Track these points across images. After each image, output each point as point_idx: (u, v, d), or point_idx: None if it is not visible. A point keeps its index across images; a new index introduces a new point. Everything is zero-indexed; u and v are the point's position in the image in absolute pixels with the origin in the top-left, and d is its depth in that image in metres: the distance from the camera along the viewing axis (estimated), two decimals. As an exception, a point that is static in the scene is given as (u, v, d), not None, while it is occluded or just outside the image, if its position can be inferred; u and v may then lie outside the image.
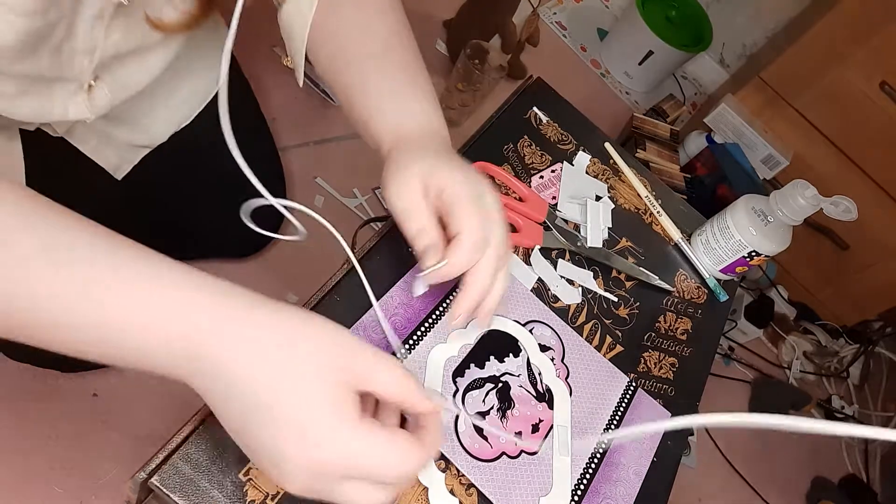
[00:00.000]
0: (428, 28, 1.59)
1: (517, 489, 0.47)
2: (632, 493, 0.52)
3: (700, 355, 0.65)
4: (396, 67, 0.53)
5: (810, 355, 1.62)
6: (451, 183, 0.44)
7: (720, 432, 1.41)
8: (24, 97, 0.52)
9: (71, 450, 0.87)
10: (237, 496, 0.40)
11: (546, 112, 0.71)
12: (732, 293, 0.72)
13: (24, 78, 0.50)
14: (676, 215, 0.73)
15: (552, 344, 0.56)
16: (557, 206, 0.64)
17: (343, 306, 0.49)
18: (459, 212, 0.43)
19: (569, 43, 1.86)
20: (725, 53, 1.96)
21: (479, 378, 0.51)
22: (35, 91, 0.53)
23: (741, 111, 1.49)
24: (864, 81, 1.33)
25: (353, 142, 1.30)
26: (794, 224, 0.65)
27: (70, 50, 0.50)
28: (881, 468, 1.54)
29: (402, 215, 0.45)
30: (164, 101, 0.77)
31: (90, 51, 0.52)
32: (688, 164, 1.54)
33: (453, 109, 1.41)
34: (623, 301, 0.63)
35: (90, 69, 0.54)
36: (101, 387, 0.92)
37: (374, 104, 0.52)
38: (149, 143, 0.79)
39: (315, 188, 1.22)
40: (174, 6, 0.54)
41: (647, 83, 1.87)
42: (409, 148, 0.48)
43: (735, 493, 1.38)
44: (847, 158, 1.43)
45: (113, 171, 0.77)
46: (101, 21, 0.50)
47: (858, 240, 1.49)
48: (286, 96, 1.27)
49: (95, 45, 0.51)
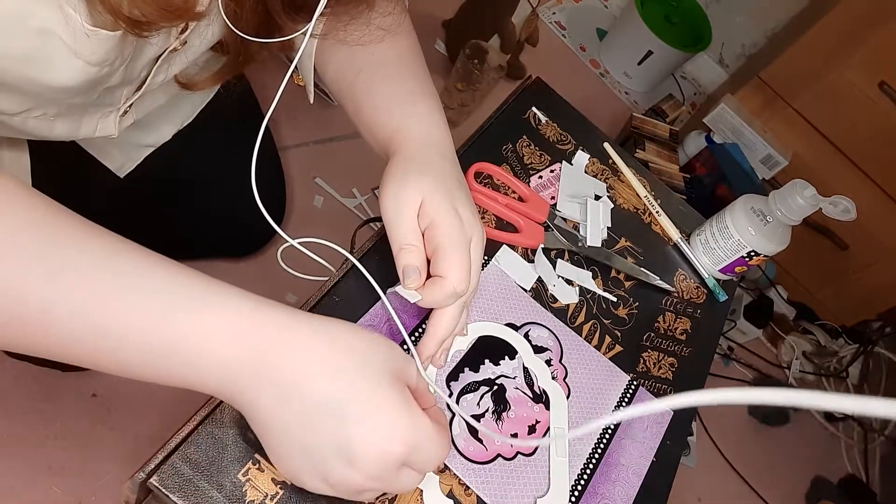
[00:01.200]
0: (427, 28, 1.59)
1: (513, 491, 0.47)
2: (631, 494, 0.52)
3: (699, 355, 0.65)
4: (406, 75, 0.54)
5: (810, 355, 1.62)
6: (445, 223, 0.45)
7: (720, 432, 1.41)
8: (60, 119, 0.53)
9: (70, 450, 0.87)
10: (236, 496, 0.40)
11: (545, 112, 0.71)
12: (732, 293, 0.72)
13: (70, 105, 0.51)
14: (676, 215, 0.73)
15: (549, 345, 0.56)
16: (557, 205, 0.64)
17: (342, 307, 0.49)
18: (446, 257, 0.44)
19: (568, 43, 1.86)
20: (725, 53, 1.96)
21: (473, 381, 0.51)
22: (72, 114, 0.54)
23: (740, 111, 1.49)
24: (863, 81, 1.33)
25: (352, 142, 1.30)
26: (793, 224, 0.65)
27: (119, 83, 0.51)
28: (881, 468, 1.54)
29: (393, 224, 0.45)
30: (174, 106, 0.78)
31: (135, 86, 0.53)
32: (687, 164, 1.54)
33: (452, 109, 1.41)
34: (622, 301, 0.63)
35: (130, 99, 0.55)
36: (100, 387, 0.92)
37: (381, 107, 0.52)
38: (153, 143, 0.79)
39: (314, 188, 1.22)
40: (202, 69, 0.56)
41: (646, 83, 1.87)
42: (414, 157, 0.48)
43: (735, 493, 1.38)
44: (846, 158, 1.43)
45: (116, 169, 0.77)
46: (152, 63, 0.51)
47: (857, 240, 1.49)
48: (286, 96, 1.27)
49: (142, 82, 0.52)
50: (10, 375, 0.87)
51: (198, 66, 0.55)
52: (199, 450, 0.40)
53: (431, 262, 0.45)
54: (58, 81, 0.43)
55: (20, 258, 0.32)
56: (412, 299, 0.45)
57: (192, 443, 0.40)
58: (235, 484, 0.40)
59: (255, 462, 0.41)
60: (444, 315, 0.46)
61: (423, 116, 0.51)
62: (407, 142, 0.49)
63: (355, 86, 0.54)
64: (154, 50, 0.49)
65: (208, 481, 0.39)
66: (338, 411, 0.35)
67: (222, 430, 0.41)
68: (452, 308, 0.46)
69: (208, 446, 0.40)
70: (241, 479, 0.40)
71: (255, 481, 0.40)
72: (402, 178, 0.46)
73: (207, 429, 0.41)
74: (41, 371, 0.88)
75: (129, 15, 0.38)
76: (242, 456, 0.41)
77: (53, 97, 0.47)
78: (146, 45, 0.48)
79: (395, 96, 0.52)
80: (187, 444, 0.40)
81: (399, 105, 0.52)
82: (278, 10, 0.46)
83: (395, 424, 0.36)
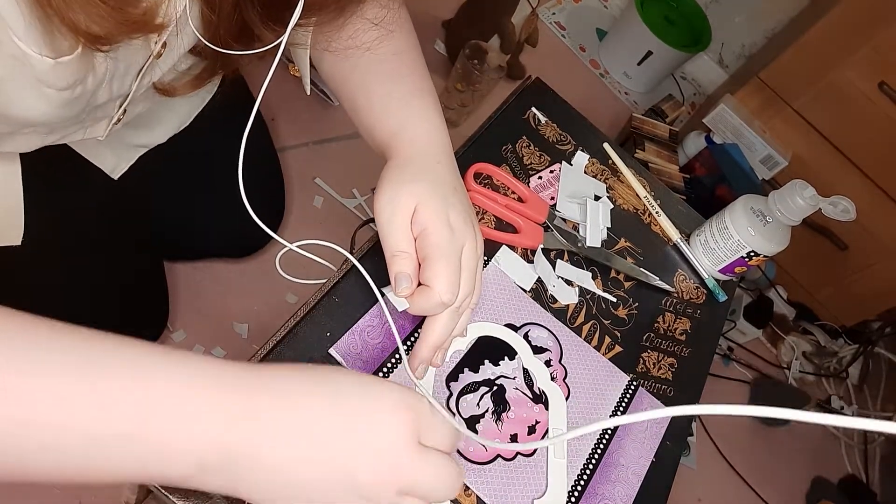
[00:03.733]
0: (427, 28, 1.59)
1: (512, 491, 0.47)
2: (631, 494, 0.52)
3: (699, 356, 0.65)
4: (403, 73, 0.53)
5: (809, 355, 1.62)
6: (436, 233, 0.45)
7: (720, 433, 1.41)
8: (54, 133, 0.53)
9: (70, 451, 0.86)
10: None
11: (545, 112, 0.71)
12: (731, 293, 0.72)
13: (61, 123, 0.51)
14: (675, 215, 0.73)
15: (549, 346, 0.56)
16: (556, 206, 0.64)
17: (342, 308, 0.49)
18: (434, 266, 0.44)
19: (568, 43, 1.86)
20: (724, 54, 1.96)
21: (473, 382, 0.51)
22: (66, 127, 0.54)
23: (740, 111, 1.49)
24: (863, 82, 1.33)
25: (352, 142, 1.30)
26: (792, 224, 0.65)
27: (107, 99, 0.51)
28: (881, 468, 1.54)
29: (386, 229, 0.45)
30: (169, 109, 0.78)
31: (125, 98, 0.53)
32: (687, 165, 1.54)
33: (452, 109, 1.41)
34: (622, 301, 0.63)
35: (122, 108, 0.55)
36: (99, 388, 0.91)
37: (378, 107, 0.52)
38: (147, 144, 0.79)
39: (314, 188, 1.22)
40: (180, 74, 0.55)
41: (645, 83, 1.87)
42: (410, 162, 0.48)
43: (735, 493, 1.38)
44: (846, 158, 1.43)
45: (110, 171, 0.77)
46: (139, 75, 0.51)
47: (857, 240, 1.49)
48: (285, 96, 1.27)
49: (130, 93, 0.52)
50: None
51: (177, 72, 0.55)
52: (199, 450, 0.40)
53: (421, 270, 0.45)
54: (33, 115, 0.43)
55: None
56: (400, 307, 0.46)
57: (191, 443, 0.40)
58: (235, 485, 0.40)
59: (255, 463, 0.41)
60: (436, 322, 0.46)
61: (421, 119, 0.51)
62: (404, 145, 0.49)
63: (351, 82, 0.54)
64: (136, 67, 0.49)
65: (207, 482, 0.39)
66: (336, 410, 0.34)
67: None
68: (444, 316, 0.46)
69: (207, 447, 0.40)
70: (241, 480, 0.40)
71: (254, 482, 0.40)
72: (398, 184, 0.46)
73: (207, 429, 0.41)
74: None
75: (87, 30, 0.37)
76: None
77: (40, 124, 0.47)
78: (133, 60, 0.47)
79: (392, 96, 0.52)
80: (186, 444, 0.40)
81: (397, 106, 0.52)
82: (256, 23, 0.45)
83: (389, 391, 0.35)
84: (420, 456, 0.35)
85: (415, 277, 0.45)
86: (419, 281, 0.45)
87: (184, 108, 0.80)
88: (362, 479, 0.33)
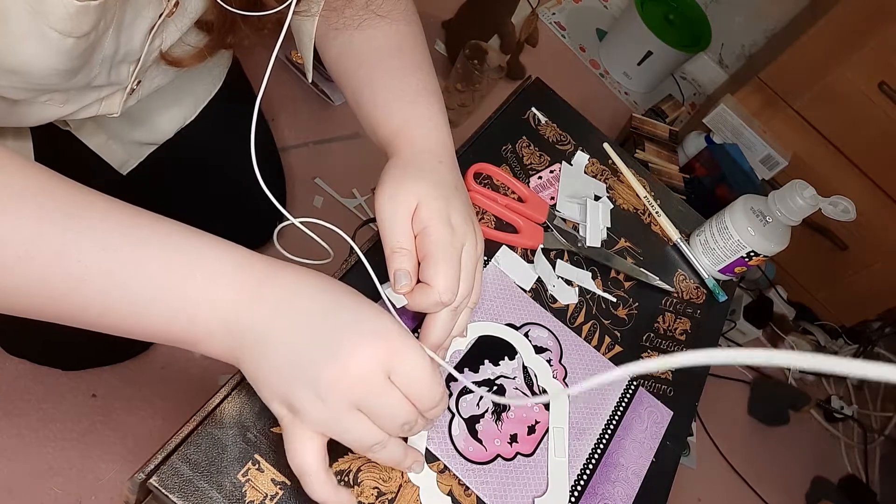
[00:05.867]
0: (427, 28, 1.58)
1: (512, 491, 0.47)
2: (631, 494, 0.52)
3: (699, 355, 0.65)
4: (409, 71, 0.53)
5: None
6: (437, 232, 0.45)
7: (720, 433, 1.41)
8: (70, 102, 0.53)
9: (70, 450, 0.87)
10: (236, 497, 0.40)
11: (545, 112, 0.71)
12: (731, 293, 0.72)
13: (76, 89, 0.51)
14: (675, 216, 0.73)
15: (549, 345, 0.56)
16: (556, 206, 0.64)
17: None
18: (434, 264, 0.44)
19: (568, 43, 1.86)
20: (724, 54, 1.96)
21: (473, 381, 0.51)
22: (81, 96, 0.53)
23: (740, 111, 1.49)
24: (862, 82, 1.33)
25: (352, 142, 1.31)
26: (792, 224, 0.65)
27: (121, 60, 0.51)
28: (881, 468, 1.54)
29: (386, 225, 0.45)
30: (174, 99, 0.78)
31: (137, 59, 0.53)
32: (687, 165, 1.54)
33: (452, 110, 1.41)
34: (622, 301, 0.63)
35: (135, 75, 0.55)
36: (100, 387, 0.92)
37: (382, 103, 0.52)
38: (155, 141, 0.79)
39: (314, 188, 1.22)
40: (185, 44, 0.55)
41: (645, 83, 1.87)
42: (413, 161, 0.48)
43: (735, 493, 1.38)
44: (846, 159, 1.43)
45: (118, 166, 0.78)
46: (147, 34, 0.51)
47: (857, 240, 1.49)
48: (286, 96, 1.27)
49: (141, 53, 0.52)
50: (10, 375, 0.87)
51: (185, 45, 0.55)
52: (199, 450, 0.40)
53: (421, 268, 0.45)
54: (37, 65, 0.43)
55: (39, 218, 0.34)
56: (398, 304, 0.46)
57: (191, 443, 0.40)
58: (235, 484, 0.40)
59: (255, 462, 0.41)
60: (435, 321, 0.46)
61: (425, 118, 0.51)
62: (406, 143, 0.49)
63: (356, 78, 0.53)
64: (147, 22, 0.48)
65: (208, 482, 0.39)
66: (330, 314, 0.38)
67: (222, 431, 0.41)
68: (443, 315, 0.46)
69: (208, 447, 0.40)
70: (241, 480, 0.40)
71: (254, 482, 0.41)
72: (400, 181, 0.46)
73: (207, 429, 0.41)
74: (41, 371, 0.88)
75: None
76: (242, 456, 0.41)
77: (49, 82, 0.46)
78: (138, 16, 0.47)
79: (397, 94, 0.52)
80: (187, 444, 0.40)
81: (401, 104, 0.51)
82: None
83: (383, 320, 0.38)
84: (379, 388, 0.37)
85: (414, 275, 0.45)
86: (418, 279, 0.45)
87: (189, 100, 0.80)
88: (323, 380, 0.36)
